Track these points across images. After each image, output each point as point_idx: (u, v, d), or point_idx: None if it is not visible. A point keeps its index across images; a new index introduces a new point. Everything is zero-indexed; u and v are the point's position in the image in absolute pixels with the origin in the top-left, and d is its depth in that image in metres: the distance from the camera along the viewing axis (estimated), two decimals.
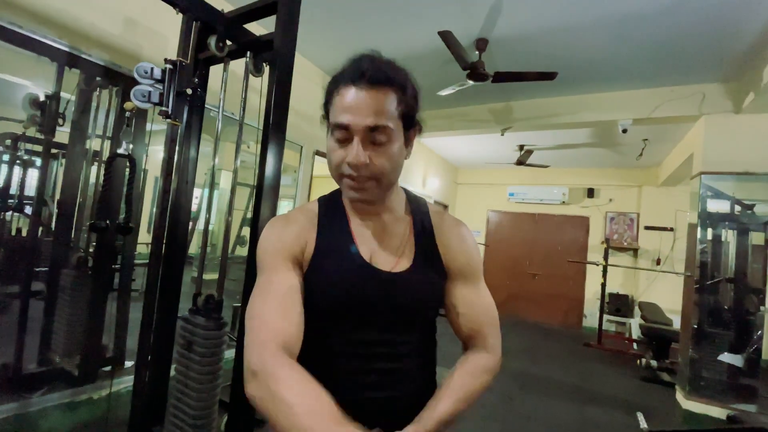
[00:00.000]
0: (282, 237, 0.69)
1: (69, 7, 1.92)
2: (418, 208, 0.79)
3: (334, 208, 0.75)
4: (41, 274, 2.26)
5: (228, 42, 1.58)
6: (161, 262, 1.61)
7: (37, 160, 2.36)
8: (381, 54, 0.70)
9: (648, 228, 5.91)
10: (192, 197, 1.73)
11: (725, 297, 3.33)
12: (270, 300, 0.62)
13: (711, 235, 3.37)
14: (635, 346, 4.88)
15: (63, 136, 2.26)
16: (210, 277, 1.77)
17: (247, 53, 1.59)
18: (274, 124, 1.47)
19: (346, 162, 0.64)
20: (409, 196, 0.81)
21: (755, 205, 3.38)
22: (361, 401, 0.66)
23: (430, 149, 6.32)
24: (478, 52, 2.83)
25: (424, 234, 0.75)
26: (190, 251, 2.48)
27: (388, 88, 0.65)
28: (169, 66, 1.34)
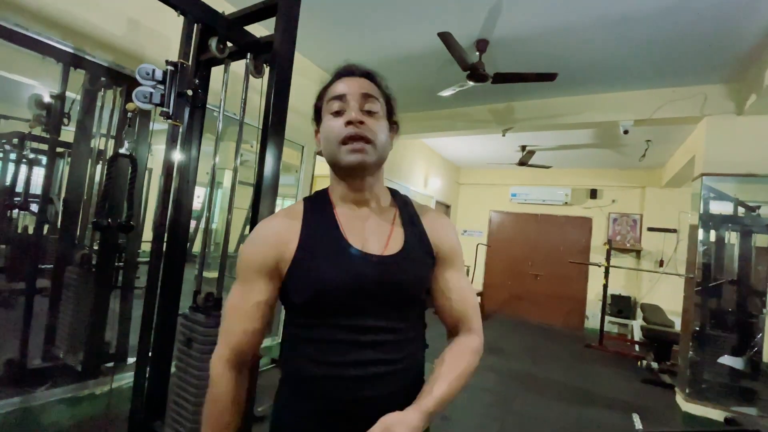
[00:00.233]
0: (260, 250, 0.72)
1: (73, 9, 1.95)
2: (402, 201, 0.82)
3: (320, 203, 0.77)
4: (46, 271, 2.30)
5: (229, 44, 1.60)
6: (162, 261, 1.64)
7: (43, 159, 2.40)
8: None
9: (651, 229, 5.88)
10: (193, 196, 1.75)
11: (727, 299, 3.32)
12: (235, 315, 0.72)
13: (713, 237, 3.35)
14: (637, 347, 4.87)
15: (68, 135, 2.30)
16: (213, 275, 1.80)
17: (248, 54, 1.61)
18: (273, 125, 1.49)
19: (345, 122, 0.69)
20: (394, 192, 0.84)
21: (760, 207, 3.36)
22: (361, 400, 0.67)
23: (432, 149, 6.31)
24: (478, 53, 2.84)
25: (411, 221, 0.78)
26: (195, 249, 2.51)
27: (373, 81, 0.76)
28: (170, 68, 1.36)
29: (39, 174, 2.49)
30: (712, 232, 3.37)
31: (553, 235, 6.73)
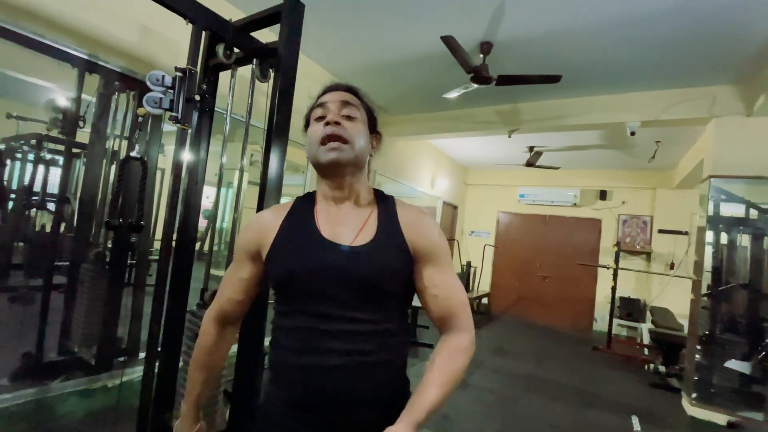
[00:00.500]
0: (246, 235, 0.84)
1: (88, 17, 2.03)
2: (383, 199, 0.84)
3: (306, 200, 0.85)
4: (62, 268, 2.39)
5: (235, 50, 1.65)
6: (171, 259, 1.70)
7: (60, 160, 2.49)
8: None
9: (662, 231, 5.80)
10: (201, 197, 1.81)
11: (737, 303, 3.27)
12: (225, 284, 0.87)
13: (724, 239, 3.31)
14: (646, 351, 4.81)
15: (83, 136, 2.38)
16: (220, 273, 1.85)
17: (254, 60, 1.66)
18: (278, 127, 1.53)
19: (324, 123, 0.77)
20: (379, 192, 0.87)
21: None
22: (327, 390, 0.69)
23: (439, 150, 6.32)
24: (482, 55, 2.85)
25: (387, 217, 0.79)
26: (205, 247, 2.57)
27: (354, 95, 0.84)
28: (179, 74, 1.41)
29: (56, 174, 2.59)
30: (723, 235, 3.33)
31: (562, 236, 6.68)
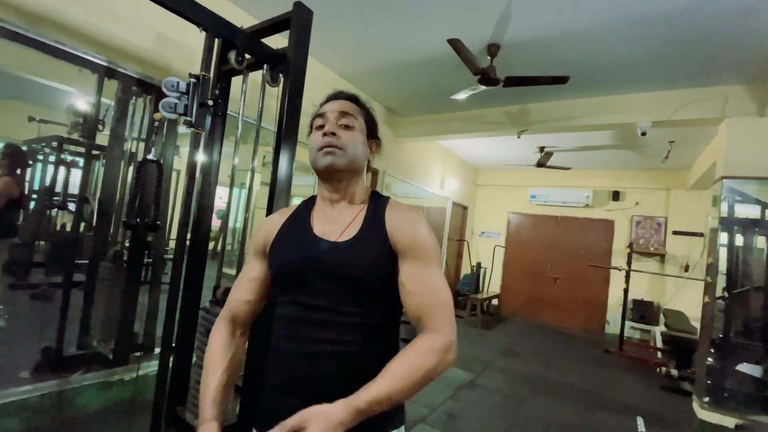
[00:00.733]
0: (256, 236, 0.92)
1: (107, 26, 2.11)
2: (377, 200, 0.88)
3: (308, 203, 0.92)
4: (82, 266, 2.49)
5: (247, 55, 1.71)
6: (185, 258, 1.76)
7: (80, 161, 2.59)
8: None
9: (676, 233, 5.70)
10: (215, 198, 1.87)
11: (751, 305, 3.20)
12: (236, 287, 0.92)
13: (738, 241, 3.24)
14: (659, 354, 4.74)
15: (102, 139, 2.48)
16: (232, 271, 1.91)
17: (264, 65, 1.71)
18: (287, 131, 1.58)
19: (322, 133, 0.83)
20: (376, 194, 0.90)
21: None
22: (306, 375, 0.73)
23: (448, 150, 6.32)
24: (489, 57, 2.86)
25: (374, 216, 0.83)
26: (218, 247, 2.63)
27: (354, 103, 0.90)
28: (192, 80, 1.47)
29: (76, 175, 2.69)
30: (738, 237, 3.26)
31: (574, 237, 6.62)
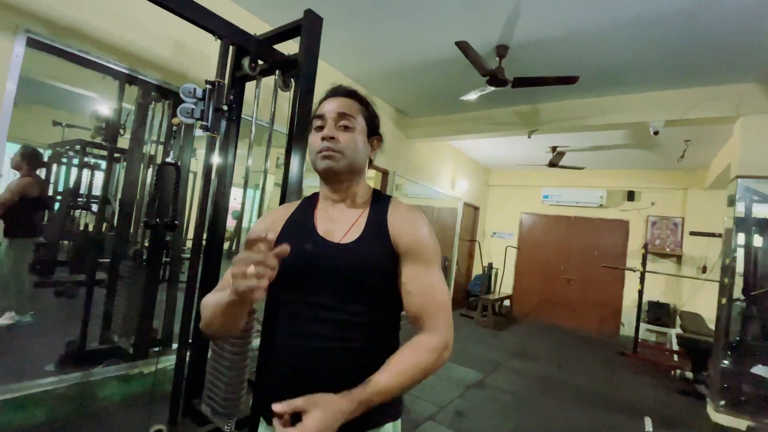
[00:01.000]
0: (259, 226, 0.93)
1: (128, 35, 2.21)
2: (379, 201, 0.90)
3: (311, 200, 0.94)
4: (104, 264, 2.60)
5: (260, 62, 1.77)
6: (201, 256, 1.84)
7: (102, 164, 2.71)
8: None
9: (693, 233, 5.57)
10: (229, 198, 1.94)
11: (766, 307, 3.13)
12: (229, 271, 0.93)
13: (756, 241, 3.18)
14: (675, 357, 4.66)
15: (123, 142, 2.59)
16: None
17: (276, 71, 1.78)
18: (298, 133, 1.64)
19: (320, 138, 0.84)
20: (377, 194, 0.93)
21: None
22: (307, 369, 0.75)
23: (459, 151, 6.31)
24: (498, 58, 2.88)
25: (376, 216, 0.85)
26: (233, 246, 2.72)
27: (354, 99, 0.88)
28: (208, 86, 1.55)
29: (98, 177, 2.81)
30: (756, 237, 3.20)
31: (588, 238, 6.52)
